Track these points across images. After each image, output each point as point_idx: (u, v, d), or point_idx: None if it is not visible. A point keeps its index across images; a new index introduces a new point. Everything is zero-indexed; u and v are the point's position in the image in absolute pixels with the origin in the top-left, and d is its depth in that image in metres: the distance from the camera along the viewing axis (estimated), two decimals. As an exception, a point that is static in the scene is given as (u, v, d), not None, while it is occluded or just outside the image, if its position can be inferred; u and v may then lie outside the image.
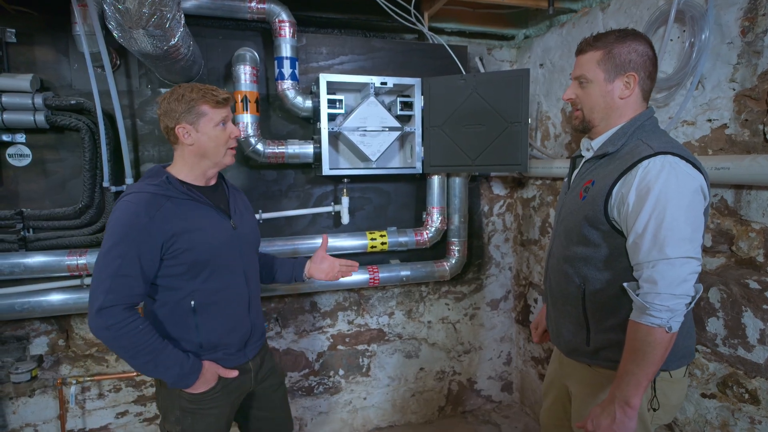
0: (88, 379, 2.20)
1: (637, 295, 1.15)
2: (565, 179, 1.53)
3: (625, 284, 1.19)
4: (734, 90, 1.56)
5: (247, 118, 2.10)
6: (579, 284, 1.30)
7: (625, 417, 1.12)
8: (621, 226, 1.21)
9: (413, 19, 2.38)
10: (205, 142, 1.35)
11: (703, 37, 1.60)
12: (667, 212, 1.10)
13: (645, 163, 1.15)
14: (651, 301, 1.10)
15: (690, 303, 1.12)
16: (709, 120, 1.64)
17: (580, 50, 1.32)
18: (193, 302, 1.36)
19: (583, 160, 1.39)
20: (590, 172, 1.32)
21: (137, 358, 1.26)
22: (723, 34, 1.58)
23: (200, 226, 1.34)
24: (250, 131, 2.11)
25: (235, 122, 2.11)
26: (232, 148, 1.41)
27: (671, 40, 1.74)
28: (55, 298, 2.01)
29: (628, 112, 1.28)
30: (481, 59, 2.72)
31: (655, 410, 1.29)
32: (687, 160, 1.15)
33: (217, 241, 1.37)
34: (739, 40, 1.53)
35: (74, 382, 2.15)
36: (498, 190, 2.88)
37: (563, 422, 1.60)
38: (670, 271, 1.09)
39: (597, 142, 1.33)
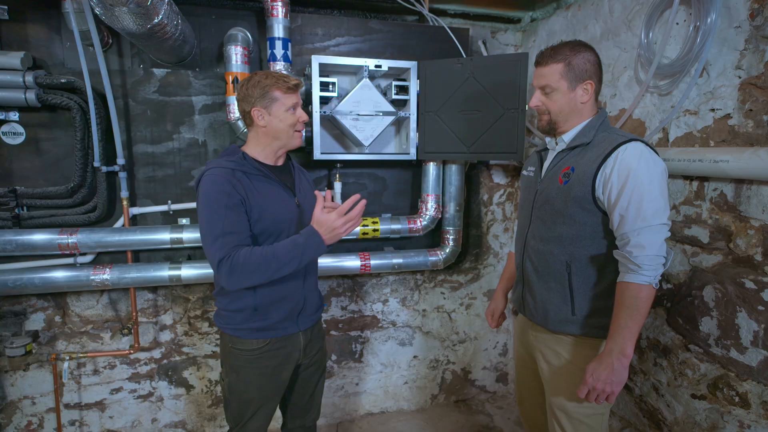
0: (82, 355, 2.23)
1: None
2: (525, 171, 1.66)
3: (615, 252, 1.33)
4: (740, 78, 1.46)
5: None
6: (565, 261, 1.42)
7: (621, 366, 1.26)
8: (604, 204, 1.35)
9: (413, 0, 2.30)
10: (276, 125, 1.46)
11: (709, 20, 1.50)
12: (645, 188, 1.26)
13: (622, 148, 1.31)
14: (642, 262, 1.25)
15: (665, 263, 1.28)
16: (713, 110, 1.55)
17: (540, 62, 1.44)
18: None
19: (554, 153, 1.52)
20: (566, 161, 1.45)
21: (270, 268, 1.35)
22: (731, 18, 1.47)
23: (270, 200, 1.46)
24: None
25: (228, 103, 2.10)
26: (299, 131, 1.50)
27: (677, 23, 1.64)
28: (48, 275, 2.03)
29: (587, 112, 1.45)
30: (484, 43, 2.63)
31: None
32: (651, 147, 1.33)
33: (282, 216, 1.48)
34: (747, 24, 1.43)
35: (67, 358, 2.19)
36: (498, 178, 2.81)
37: (544, 409, 1.63)
38: (653, 235, 1.26)
39: (568, 137, 1.47)
